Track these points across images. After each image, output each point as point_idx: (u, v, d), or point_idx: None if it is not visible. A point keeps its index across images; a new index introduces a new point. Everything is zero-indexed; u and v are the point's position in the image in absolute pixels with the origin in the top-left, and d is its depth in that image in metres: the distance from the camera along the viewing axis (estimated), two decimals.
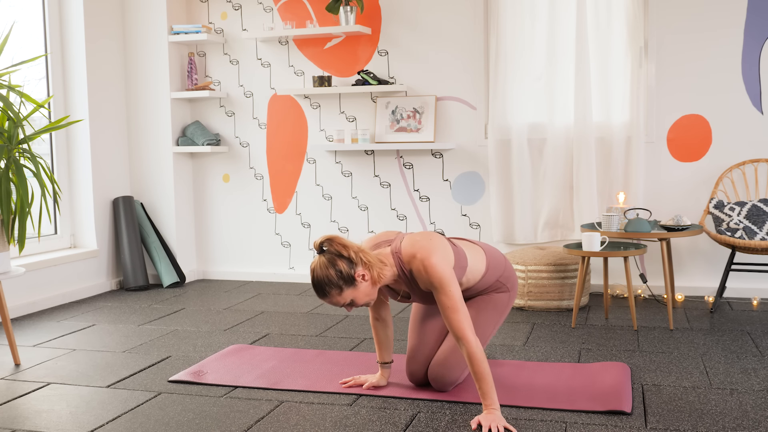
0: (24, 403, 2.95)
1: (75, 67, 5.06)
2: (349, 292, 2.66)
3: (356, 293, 2.67)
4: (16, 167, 3.44)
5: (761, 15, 4.48)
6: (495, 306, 3.03)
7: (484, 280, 2.97)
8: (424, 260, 2.67)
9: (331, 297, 2.66)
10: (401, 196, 5.18)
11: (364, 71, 5.06)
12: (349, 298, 2.67)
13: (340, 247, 2.66)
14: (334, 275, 2.63)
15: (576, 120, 4.66)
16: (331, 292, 2.65)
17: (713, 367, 3.25)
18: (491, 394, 2.61)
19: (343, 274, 2.63)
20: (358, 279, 2.66)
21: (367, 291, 2.70)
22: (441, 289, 2.66)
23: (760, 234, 4.20)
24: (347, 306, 2.71)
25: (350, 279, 2.64)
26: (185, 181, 5.54)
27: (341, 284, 2.64)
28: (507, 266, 3.07)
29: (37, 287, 4.66)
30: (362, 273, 2.66)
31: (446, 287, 2.65)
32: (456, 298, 2.65)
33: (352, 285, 2.65)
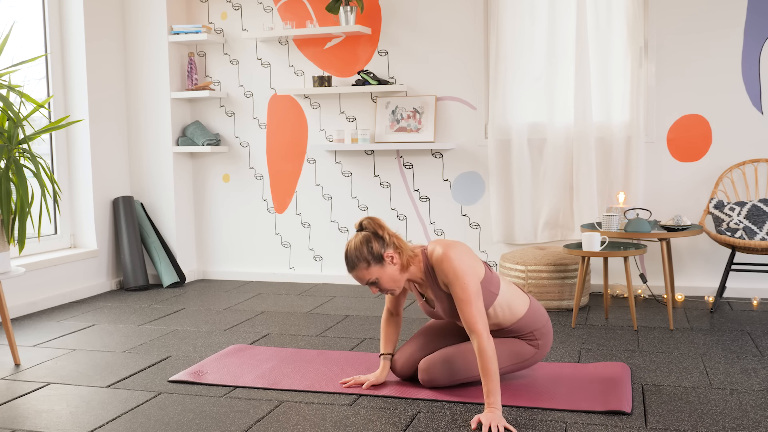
0: (24, 403, 2.95)
1: (75, 67, 5.06)
2: (375, 270, 2.76)
3: (383, 273, 2.77)
4: (16, 167, 3.44)
5: (761, 15, 4.48)
6: (517, 353, 2.98)
7: (519, 324, 2.95)
8: (443, 252, 2.75)
9: (358, 270, 2.77)
10: (401, 196, 5.18)
11: (364, 71, 5.06)
12: (374, 276, 2.77)
13: (377, 227, 2.79)
14: (365, 250, 2.75)
15: (576, 120, 4.67)
16: (359, 266, 2.76)
17: (713, 367, 3.25)
18: (495, 392, 2.61)
19: (373, 252, 2.75)
20: (387, 259, 2.77)
21: (394, 275, 2.79)
22: (456, 280, 2.71)
23: (760, 234, 4.20)
24: (372, 286, 2.80)
25: (379, 257, 2.76)
26: (185, 181, 5.54)
27: (370, 260, 2.75)
28: (547, 325, 3.03)
29: (37, 287, 4.66)
30: (392, 255, 2.77)
31: (461, 279, 2.70)
32: (471, 291, 2.70)
33: (380, 264, 2.76)
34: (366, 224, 2.82)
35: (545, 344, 3.03)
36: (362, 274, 2.77)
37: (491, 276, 2.89)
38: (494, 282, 2.89)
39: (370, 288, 2.82)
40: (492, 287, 2.87)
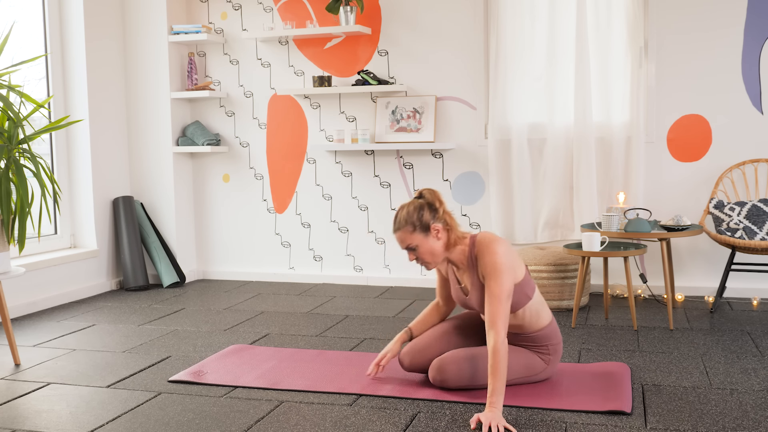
0: (24, 403, 2.95)
1: (75, 67, 5.06)
2: (418, 238, 2.82)
3: (424, 243, 2.83)
4: (16, 167, 3.44)
5: (761, 15, 4.48)
6: (530, 365, 2.99)
7: (540, 333, 2.97)
8: (488, 245, 2.80)
9: (402, 232, 2.83)
10: (401, 196, 5.18)
11: (364, 71, 5.06)
12: (415, 243, 2.83)
13: (435, 199, 2.86)
14: (415, 216, 2.82)
15: (576, 120, 4.67)
16: (405, 228, 2.83)
17: (713, 367, 3.25)
18: (500, 392, 2.61)
19: (422, 219, 2.81)
20: (433, 232, 2.83)
21: (434, 249, 2.84)
22: (493, 274, 2.75)
23: (760, 234, 4.20)
24: (410, 251, 2.85)
25: (426, 227, 2.82)
26: (185, 181, 5.54)
27: (417, 226, 2.82)
28: (560, 344, 3.05)
29: (37, 287, 4.66)
30: (438, 229, 2.83)
31: (499, 275, 2.74)
32: (504, 289, 2.73)
33: (425, 233, 2.82)
34: (426, 194, 2.88)
35: (555, 361, 3.05)
36: (405, 236, 2.83)
37: (529, 280, 2.92)
38: (530, 286, 2.92)
39: (408, 253, 2.87)
40: (528, 290, 2.90)
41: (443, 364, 2.94)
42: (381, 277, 5.25)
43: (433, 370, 2.96)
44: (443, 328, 3.13)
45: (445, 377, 2.93)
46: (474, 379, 2.93)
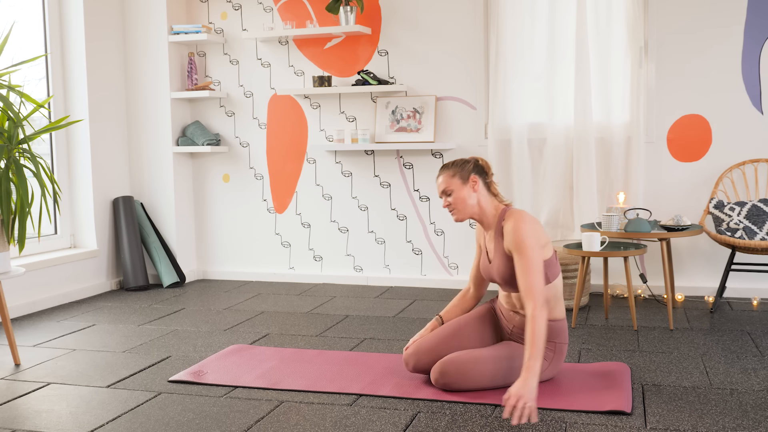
0: (24, 403, 2.95)
1: (75, 67, 5.06)
2: (456, 184, 2.97)
3: (460, 191, 2.96)
4: (16, 167, 3.44)
5: (761, 15, 4.48)
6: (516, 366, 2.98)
7: (552, 325, 2.98)
8: (517, 221, 2.88)
9: (445, 174, 2.99)
10: (401, 196, 5.18)
11: (364, 71, 5.06)
12: (452, 187, 2.97)
13: (486, 166, 3.05)
14: (460, 163, 3.00)
15: (576, 120, 4.67)
16: (448, 171, 2.99)
17: (713, 367, 3.25)
18: (536, 357, 2.65)
19: (464, 169, 2.98)
20: (470, 182, 2.97)
21: (467, 200, 2.97)
22: (520, 249, 2.83)
23: (760, 234, 4.20)
24: (446, 196, 2.98)
25: (466, 177, 2.97)
26: (185, 181, 5.54)
27: (458, 172, 2.98)
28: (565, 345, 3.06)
29: (37, 287, 4.66)
30: (476, 181, 2.98)
31: (526, 250, 2.83)
32: (533, 261, 2.82)
33: (463, 182, 2.97)
34: (480, 159, 3.05)
35: (558, 361, 3.04)
36: (446, 178, 2.98)
37: (555, 263, 2.97)
38: (554, 271, 2.96)
39: (444, 199, 3.00)
40: (551, 273, 2.95)
41: (445, 366, 2.94)
42: (381, 277, 5.25)
43: (435, 372, 2.96)
44: (448, 329, 3.14)
45: (448, 380, 2.93)
46: (476, 382, 2.93)
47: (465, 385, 2.93)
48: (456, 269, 5.09)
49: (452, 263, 5.10)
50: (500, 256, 2.97)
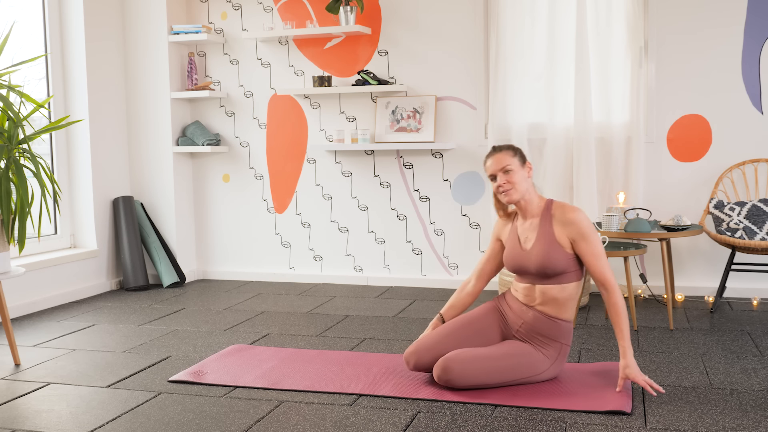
0: (24, 403, 2.95)
1: (75, 67, 5.06)
2: (516, 163, 3.02)
3: (519, 171, 3.02)
4: (16, 167, 3.44)
5: (761, 15, 4.48)
6: (530, 364, 2.99)
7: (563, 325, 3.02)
8: (578, 211, 2.99)
9: (504, 153, 3.04)
10: (401, 196, 5.18)
11: (364, 71, 5.06)
12: (511, 167, 3.01)
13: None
14: (515, 147, 3.08)
15: (576, 120, 4.66)
16: (507, 150, 3.04)
17: (713, 367, 3.25)
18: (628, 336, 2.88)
19: (522, 153, 3.08)
20: (527, 166, 3.06)
21: (523, 180, 3.03)
22: (585, 236, 2.94)
23: (760, 234, 4.20)
24: (504, 173, 3.01)
25: (524, 160, 3.07)
26: (185, 181, 5.54)
27: (517, 153, 3.05)
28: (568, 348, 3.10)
29: (37, 287, 4.66)
30: (530, 167, 3.08)
31: (590, 236, 2.95)
32: (599, 246, 2.95)
33: (522, 163, 3.05)
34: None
35: (560, 363, 3.06)
36: (505, 157, 3.02)
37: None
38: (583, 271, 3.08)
39: (498, 177, 3.02)
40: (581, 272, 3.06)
41: (448, 363, 2.94)
42: (381, 277, 5.25)
43: (438, 369, 2.96)
44: (450, 328, 3.14)
45: (450, 377, 2.93)
46: (478, 380, 2.93)
47: (467, 382, 2.93)
48: (456, 269, 5.09)
49: (452, 263, 5.10)
50: (547, 244, 2.98)
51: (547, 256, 2.97)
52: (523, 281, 3.09)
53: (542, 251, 2.98)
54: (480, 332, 3.12)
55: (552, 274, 2.99)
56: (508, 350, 2.99)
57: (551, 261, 2.97)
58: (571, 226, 2.97)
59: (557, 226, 2.99)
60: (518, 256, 3.06)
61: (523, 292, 3.09)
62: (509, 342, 3.05)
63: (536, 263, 2.99)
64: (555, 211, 3.02)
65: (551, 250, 2.97)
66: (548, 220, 3.02)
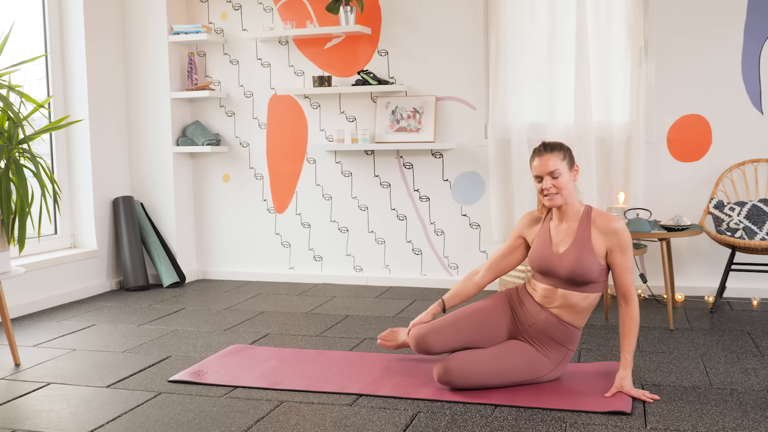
0: (24, 403, 2.95)
1: (75, 67, 5.06)
2: (565, 166, 2.93)
3: (566, 175, 2.93)
4: (16, 167, 3.44)
5: (761, 15, 4.48)
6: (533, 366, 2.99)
7: (575, 332, 3.02)
8: (617, 220, 2.94)
9: (555, 155, 2.92)
10: (401, 196, 5.18)
11: (364, 71, 5.06)
12: (560, 169, 2.91)
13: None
14: (566, 148, 2.97)
15: (576, 120, 4.66)
16: (558, 152, 2.93)
17: (713, 367, 3.25)
18: (633, 351, 2.90)
19: (571, 154, 2.97)
20: (574, 170, 2.97)
21: (569, 186, 2.94)
22: (624, 249, 2.91)
23: (760, 234, 4.20)
24: (551, 177, 2.91)
25: (572, 163, 2.97)
26: (185, 181, 5.54)
27: (567, 155, 2.94)
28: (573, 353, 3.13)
29: (37, 287, 4.66)
30: (577, 170, 2.99)
31: (628, 249, 2.92)
32: (632, 260, 2.95)
33: (570, 167, 2.95)
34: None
35: (563, 367, 3.06)
36: (556, 160, 2.91)
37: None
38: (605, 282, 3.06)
39: (545, 180, 2.92)
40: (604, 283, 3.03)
41: (449, 364, 2.94)
42: (381, 277, 5.25)
43: (439, 369, 2.96)
44: (459, 314, 3.10)
45: (450, 378, 2.93)
46: (480, 381, 2.92)
47: (468, 383, 2.93)
48: (456, 269, 5.09)
49: (452, 263, 5.10)
50: (582, 251, 2.92)
51: (579, 263, 2.91)
52: (546, 282, 3.02)
53: (576, 258, 2.92)
54: (487, 325, 3.06)
55: (581, 282, 2.94)
56: (510, 352, 2.98)
57: (583, 269, 2.91)
58: (613, 236, 2.92)
59: (596, 233, 2.94)
60: (549, 258, 2.98)
61: (543, 293, 3.03)
62: (512, 343, 3.03)
63: (567, 268, 2.93)
64: (596, 218, 2.96)
65: (586, 257, 2.92)
66: (587, 226, 2.96)
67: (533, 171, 2.97)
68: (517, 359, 2.96)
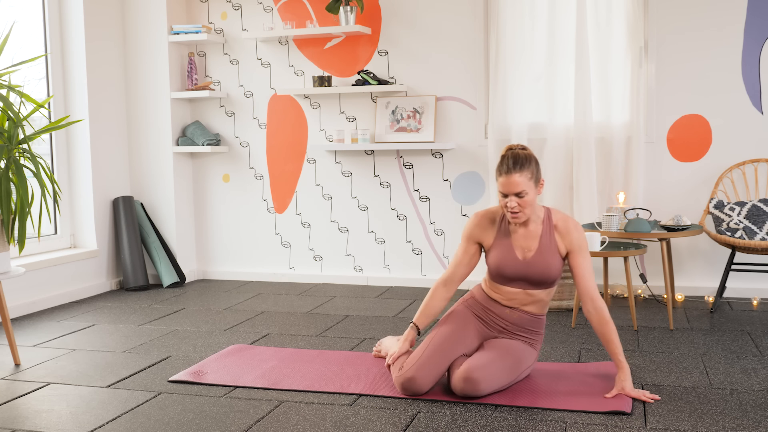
0: (24, 403, 2.95)
1: (75, 67, 5.06)
2: (531, 185, 2.89)
3: (532, 193, 2.90)
4: (16, 167, 3.44)
5: (761, 15, 4.48)
6: (528, 355, 3.02)
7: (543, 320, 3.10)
8: (577, 224, 3.00)
9: (523, 173, 2.86)
10: (401, 196, 5.18)
11: (364, 71, 5.06)
12: (527, 189, 2.87)
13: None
14: (534, 164, 2.92)
15: (576, 120, 4.67)
16: (527, 171, 2.87)
17: (713, 367, 3.25)
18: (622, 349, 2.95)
19: (539, 170, 2.94)
20: (540, 184, 2.95)
21: (534, 202, 2.93)
22: (584, 250, 2.98)
23: (760, 234, 4.20)
24: (518, 197, 2.87)
25: (539, 178, 2.94)
26: (185, 181, 5.54)
27: (534, 173, 2.90)
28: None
29: (37, 287, 4.66)
30: (543, 183, 2.96)
31: (587, 250, 2.99)
32: (590, 261, 2.99)
33: (536, 184, 2.92)
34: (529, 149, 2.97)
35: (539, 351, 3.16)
36: (523, 179, 2.87)
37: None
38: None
39: (510, 200, 2.88)
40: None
41: (470, 374, 2.82)
42: (381, 277, 5.25)
43: (461, 382, 2.83)
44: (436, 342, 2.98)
45: (478, 387, 2.82)
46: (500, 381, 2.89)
47: (492, 387, 2.87)
48: None
49: None
50: (550, 255, 2.96)
51: (548, 269, 2.96)
52: (512, 286, 3.02)
53: (545, 264, 2.96)
54: (464, 343, 3.01)
55: (550, 283, 3.01)
56: (506, 347, 2.98)
57: (551, 272, 2.97)
58: (569, 236, 2.98)
59: (557, 236, 3.00)
60: (515, 266, 2.97)
61: (509, 296, 3.03)
62: (498, 341, 3.02)
63: (538, 275, 2.96)
64: (557, 222, 3.00)
65: (552, 261, 2.97)
66: (550, 230, 3.00)
67: (499, 187, 2.91)
68: (517, 352, 2.97)
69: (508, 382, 2.95)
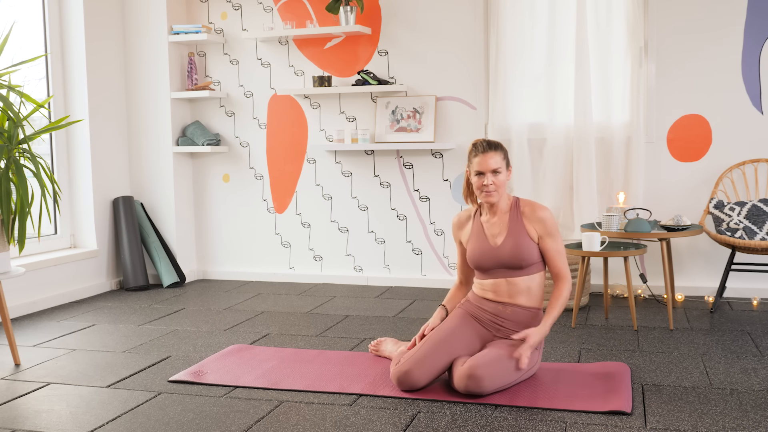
0: (24, 403, 2.95)
1: (75, 67, 5.06)
2: (504, 165, 3.08)
3: (504, 173, 3.09)
4: (16, 167, 3.44)
5: (761, 15, 4.48)
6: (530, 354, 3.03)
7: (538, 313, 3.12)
8: (543, 209, 3.10)
9: (497, 154, 3.06)
10: (401, 196, 5.18)
11: (364, 71, 5.06)
12: (502, 166, 3.06)
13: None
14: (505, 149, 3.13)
15: (576, 120, 4.67)
16: (501, 152, 3.08)
17: (713, 367, 3.25)
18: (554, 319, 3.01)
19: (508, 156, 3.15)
20: (509, 169, 3.14)
21: (506, 183, 3.11)
22: (553, 234, 3.07)
23: (760, 234, 4.20)
24: (494, 174, 3.04)
25: (509, 163, 3.14)
26: (185, 181, 5.54)
27: (506, 156, 3.11)
28: None
29: (37, 287, 4.66)
30: (511, 170, 3.15)
31: (557, 233, 3.09)
32: (562, 243, 3.10)
33: (508, 166, 3.12)
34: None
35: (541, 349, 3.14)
36: (497, 159, 3.05)
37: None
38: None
39: (487, 176, 3.04)
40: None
41: (474, 371, 2.83)
42: (381, 277, 5.25)
43: (465, 379, 2.84)
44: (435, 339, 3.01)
45: (481, 384, 2.82)
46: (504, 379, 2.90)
47: (496, 385, 2.87)
48: (456, 269, 5.09)
49: (452, 263, 5.10)
50: (519, 238, 3.06)
51: (518, 248, 3.05)
52: (491, 277, 3.12)
53: (515, 244, 3.05)
54: (464, 342, 3.03)
55: (524, 266, 3.06)
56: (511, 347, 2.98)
57: (522, 252, 3.05)
58: (540, 223, 3.07)
59: (527, 222, 3.10)
60: (488, 252, 3.09)
61: (492, 289, 3.11)
62: (502, 341, 3.04)
63: (508, 255, 3.05)
64: (524, 208, 3.12)
65: (523, 241, 3.06)
66: (518, 216, 3.11)
67: (475, 167, 3.07)
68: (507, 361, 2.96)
69: (512, 381, 2.95)
